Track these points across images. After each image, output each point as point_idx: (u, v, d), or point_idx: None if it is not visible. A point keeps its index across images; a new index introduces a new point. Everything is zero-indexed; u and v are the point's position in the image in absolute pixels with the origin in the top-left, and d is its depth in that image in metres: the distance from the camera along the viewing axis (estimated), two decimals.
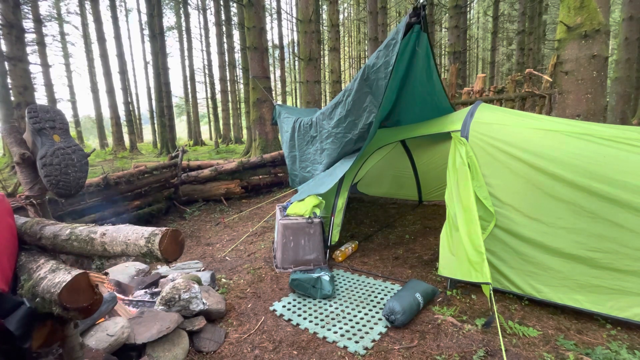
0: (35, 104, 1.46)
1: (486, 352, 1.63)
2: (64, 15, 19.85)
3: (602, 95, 3.67)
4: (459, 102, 5.66)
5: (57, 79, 41.58)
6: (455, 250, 2.07)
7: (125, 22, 24.80)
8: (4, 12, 6.90)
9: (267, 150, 7.57)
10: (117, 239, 1.05)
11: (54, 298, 0.92)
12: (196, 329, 1.84)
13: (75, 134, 19.72)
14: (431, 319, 1.94)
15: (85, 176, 1.53)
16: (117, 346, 1.55)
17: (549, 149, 1.93)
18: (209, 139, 25.91)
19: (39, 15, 12.34)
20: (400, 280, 2.45)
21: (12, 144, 1.47)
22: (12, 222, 1.28)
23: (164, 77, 14.97)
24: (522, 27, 14.98)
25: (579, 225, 1.82)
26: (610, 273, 1.76)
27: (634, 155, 1.79)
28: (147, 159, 13.00)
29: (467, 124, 2.20)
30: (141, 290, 2.17)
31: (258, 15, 7.72)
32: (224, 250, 3.40)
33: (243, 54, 13.37)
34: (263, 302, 2.25)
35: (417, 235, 3.34)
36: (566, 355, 1.59)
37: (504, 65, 23.95)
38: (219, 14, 18.23)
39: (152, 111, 20.26)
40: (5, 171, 8.16)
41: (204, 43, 23.70)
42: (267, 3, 22.34)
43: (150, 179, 4.52)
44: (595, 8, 3.52)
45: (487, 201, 2.01)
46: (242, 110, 21.18)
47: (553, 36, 14.81)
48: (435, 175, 4.14)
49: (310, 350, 1.74)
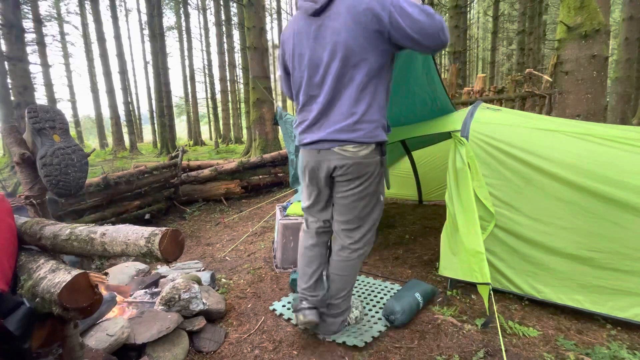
0: (35, 104, 1.46)
1: (486, 352, 1.63)
2: (64, 15, 19.86)
3: (602, 95, 3.67)
4: (459, 102, 5.67)
5: (57, 79, 41.59)
6: (456, 250, 2.07)
7: (125, 22, 24.82)
8: (4, 12, 6.91)
9: (267, 150, 7.58)
10: (117, 239, 1.05)
11: (53, 298, 0.92)
12: (196, 329, 1.84)
13: (75, 134, 19.74)
14: (431, 319, 1.94)
15: (85, 176, 1.53)
16: (117, 346, 1.55)
17: (549, 149, 1.93)
18: (209, 139, 25.93)
19: (39, 15, 12.35)
20: (400, 280, 2.45)
21: (12, 144, 1.47)
22: (12, 222, 1.28)
23: (164, 77, 14.98)
24: (522, 27, 14.99)
25: (579, 225, 1.82)
26: (611, 273, 1.76)
27: (634, 155, 1.79)
28: (147, 159, 13.00)
29: (467, 123, 2.19)
30: (141, 290, 2.17)
31: (258, 15, 7.72)
32: (224, 250, 3.40)
33: (243, 54, 13.37)
34: (263, 302, 2.25)
35: (417, 235, 3.34)
36: (566, 355, 1.59)
37: (504, 65, 23.97)
38: (219, 14, 18.24)
39: (152, 111, 20.27)
40: (5, 171, 8.17)
41: (204, 43, 23.72)
42: (267, 3, 22.34)
43: (150, 179, 4.52)
44: (595, 8, 3.52)
45: (487, 201, 2.01)
46: (242, 110, 21.18)
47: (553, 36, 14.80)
48: (435, 175, 4.14)
49: (310, 350, 1.74)
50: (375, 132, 1.55)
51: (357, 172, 1.58)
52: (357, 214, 1.67)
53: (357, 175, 1.59)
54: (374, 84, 1.50)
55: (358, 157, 1.55)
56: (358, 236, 1.71)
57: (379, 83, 1.52)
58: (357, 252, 1.73)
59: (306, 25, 1.55)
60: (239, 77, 20.27)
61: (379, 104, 1.55)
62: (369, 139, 1.54)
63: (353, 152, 1.55)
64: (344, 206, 1.67)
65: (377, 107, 1.54)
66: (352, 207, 1.66)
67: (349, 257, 1.73)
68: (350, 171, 1.58)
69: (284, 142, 4.60)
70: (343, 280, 1.76)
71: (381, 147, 1.63)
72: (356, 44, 1.43)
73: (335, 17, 1.45)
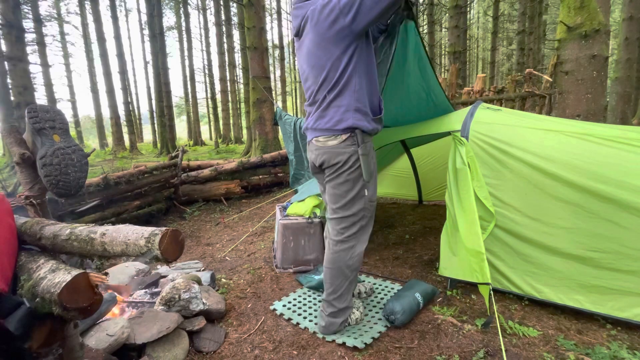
0: (35, 104, 1.46)
1: (486, 352, 1.63)
2: (64, 15, 19.86)
3: (602, 95, 3.67)
4: (459, 102, 5.67)
5: (57, 79, 41.67)
6: (456, 250, 2.07)
7: (125, 22, 24.82)
8: (4, 12, 6.91)
9: (267, 150, 7.57)
10: (117, 239, 1.05)
11: (53, 298, 0.92)
12: (196, 329, 1.84)
13: (75, 134, 19.74)
14: (431, 319, 1.95)
15: (85, 176, 1.53)
16: (117, 346, 1.55)
17: (549, 149, 1.93)
18: (209, 139, 25.93)
19: (39, 15, 12.34)
20: (400, 280, 2.45)
21: (12, 144, 1.47)
22: (12, 222, 1.28)
23: (164, 77, 14.97)
24: (522, 27, 14.99)
25: (579, 225, 1.82)
26: (611, 273, 1.76)
27: (634, 155, 1.79)
28: (147, 159, 13.00)
29: (467, 123, 2.19)
30: (141, 290, 2.17)
31: (258, 15, 7.72)
32: (224, 250, 3.40)
33: (243, 54, 13.38)
34: (263, 302, 2.25)
35: (417, 235, 3.34)
36: (566, 355, 1.59)
37: (504, 65, 23.98)
38: (219, 14, 18.24)
39: (152, 111, 20.27)
40: (5, 171, 8.17)
41: (204, 43, 23.72)
42: (267, 3, 22.35)
43: (150, 179, 4.52)
44: (595, 8, 3.52)
45: (487, 201, 2.01)
46: (242, 110, 21.19)
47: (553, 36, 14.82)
48: (435, 175, 4.14)
49: (310, 350, 1.74)
50: (344, 116, 1.64)
51: (329, 160, 1.69)
52: (337, 203, 1.73)
53: (330, 163, 1.69)
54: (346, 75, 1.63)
55: (327, 146, 1.69)
56: (340, 227, 1.76)
57: (353, 72, 1.63)
58: (339, 245, 1.76)
59: (297, 45, 1.83)
60: (239, 77, 20.27)
61: (352, 88, 1.64)
62: (334, 126, 1.65)
63: (323, 142, 1.70)
64: (327, 194, 1.79)
65: (346, 88, 1.64)
66: (331, 195, 1.75)
67: (332, 249, 1.78)
68: (324, 160, 1.71)
69: (284, 142, 4.60)
70: (329, 274, 1.78)
71: (355, 137, 1.66)
72: (316, 46, 1.65)
73: (306, 34, 1.70)
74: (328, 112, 1.67)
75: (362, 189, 1.70)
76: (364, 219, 1.76)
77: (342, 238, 1.76)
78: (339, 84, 1.64)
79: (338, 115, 1.65)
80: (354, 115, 1.64)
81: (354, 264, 1.77)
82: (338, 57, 1.62)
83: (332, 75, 1.64)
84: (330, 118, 1.67)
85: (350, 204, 1.71)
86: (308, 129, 1.80)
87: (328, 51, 1.62)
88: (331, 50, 1.61)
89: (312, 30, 1.64)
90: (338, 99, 1.65)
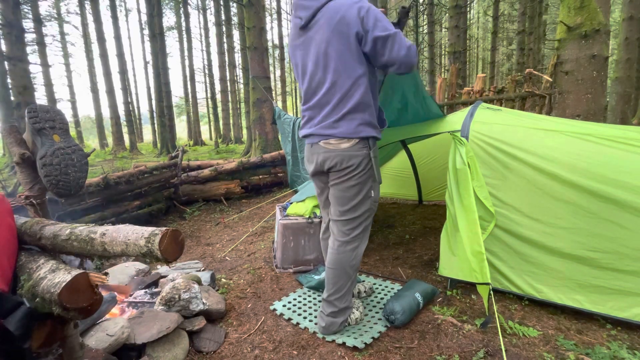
0: (35, 104, 1.46)
1: (486, 352, 1.63)
2: (64, 15, 19.85)
3: (602, 95, 3.67)
4: (459, 102, 5.67)
5: (57, 79, 41.65)
6: (456, 250, 2.07)
7: (125, 22, 24.82)
8: (4, 12, 6.91)
9: (267, 150, 7.57)
10: (117, 239, 1.05)
11: (53, 298, 0.92)
12: (196, 329, 1.84)
13: (75, 134, 19.72)
14: (431, 319, 1.95)
15: (85, 176, 1.53)
16: (117, 346, 1.55)
17: (549, 149, 1.93)
18: (209, 139, 25.92)
19: (39, 15, 12.34)
20: (400, 280, 2.45)
21: (12, 144, 1.47)
22: (12, 222, 1.28)
23: (164, 77, 14.96)
24: (522, 27, 14.98)
25: (579, 225, 1.82)
26: (611, 273, 1.76)
27: (634, 155, 1.79)
28: (147, 159, 13.00)
29: (467, 123, 2.19)
30: (141, 290, 2.17)
31: (258, 15, 7.72)
32: (224, 250, 3.40)
33: (243, 54, 13.37)
34: (263, 302, 2.25)
35: (417, 235, 3.34)
36: (566, 355, 1.59)
37: (504, 65, 23.97)
38: (219, 14, 18.22)
39: (152, 111, 20.26)
40: (5, 171, 8.16)
41: (204, 43, 23.70)
42: (267, 3, 22.34)
43: (150, 179, 4.52)
44: (595, 8, 3.52)
45: (487, 201, 2.01)
46: (242, 110, 21.19)
47: (553, 36, 14.81)
48: (435, 175, 4.14)
49: (310, 350, 1.74)
50: (358, 129, 1.65)
51: (341, 163, 1.67)
52: (345, 206, 1.73)
53: (341, 167, 1.68)
54: (357, 86, 1.62)
55: (340, 149, 1.67)
56: (346, 228, 1.77)
57: (362, 84, 1.63)
58: (345, 245, 1.77)
59: (298, 37, 1.74)
60: (239, 77, 20.26)
61: (365, 103, 1.65)
62: (349, 134, 1.65)
63: (335, 145, 1.68)
64: (333, 197, 1.79)
65: (361, 106, 1.64)
66: (339, 198, 1.74)
67: (337, 250, 1.78)
68: (335, 162, 1.68)
69: (281, 142, 4.60)
70: (333, 274, 1.79)
71: (367, 141, 1.69)
72: (335, 52, 1.59)
73: (318, 30, 1.62)
74: (341, 124, 1.65)
75: (370, 191, 1.74)
76: (368, 219, 1.80)
77: (348, 239, 1.77)
78: (353, 97, 1.62)
79: (352, 128, 1.65)
80: (365, 128, 1.67)
81: (357, 263, 1.80)
82: (354, 69, 1.60)
83: (345, 84, 1.61)
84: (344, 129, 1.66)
85: (358, 205, 1.73)
86: (312, 134, 1.75)
87: (345, 62, 1.59)
88: (350, 64, 1.59)
89: (332, 33, 1.57)
90: (352, 113, 1.64)
